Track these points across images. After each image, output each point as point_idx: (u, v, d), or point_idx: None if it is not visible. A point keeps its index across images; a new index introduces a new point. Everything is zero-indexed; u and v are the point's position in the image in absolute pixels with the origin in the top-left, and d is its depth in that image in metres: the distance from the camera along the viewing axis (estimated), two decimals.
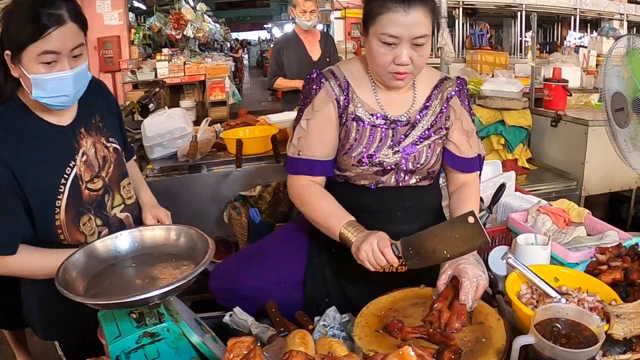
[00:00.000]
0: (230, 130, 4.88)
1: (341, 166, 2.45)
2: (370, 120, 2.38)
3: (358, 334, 1.95)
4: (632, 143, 2.90)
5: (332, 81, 2.38)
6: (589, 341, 1.67)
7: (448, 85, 2.49)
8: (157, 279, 1.87)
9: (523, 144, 5.68)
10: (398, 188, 2.46)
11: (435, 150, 2.46)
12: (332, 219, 2.33)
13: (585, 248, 2.55)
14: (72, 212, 2.25)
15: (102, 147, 2.39)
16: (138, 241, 2.03)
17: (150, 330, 1.77)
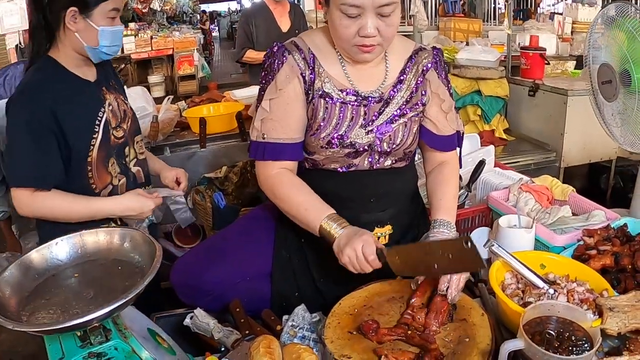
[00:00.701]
0: (193, 108, 4.74)
1: (309, 149, 2.25)
2: (340, 96, 2.18)
3: (330, 336, 1.80)
4: (621, 117, 2.76)
5: (296, 54, 2.16)
6: (583, 343, 1.54)
7: (423, 57, 2.29)
8: (101, 292, 1.69)
9: (500, 114, 5.61)
10: (371, 171, 2.27)
11: (412, 128, 2.27)
12: (310, 213, 2.14)
13: (572, 230, 2.45)
14: (102, 153, 2.55)
15: (122, 103, 2.72)
16: (80, 247, 1.84)
17: (96, 349, 1.61)
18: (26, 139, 2.34)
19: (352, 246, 1.96)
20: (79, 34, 2.40)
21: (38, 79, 2.41)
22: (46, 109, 2.33)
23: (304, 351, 1.62)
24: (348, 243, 1.98)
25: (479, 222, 2.85)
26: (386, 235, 2.32)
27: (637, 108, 2.63)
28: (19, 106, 2.36)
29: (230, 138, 4.38)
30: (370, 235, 2.01)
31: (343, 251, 1.98)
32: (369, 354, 1.70)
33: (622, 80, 2.65)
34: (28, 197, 2.38)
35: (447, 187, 2.35)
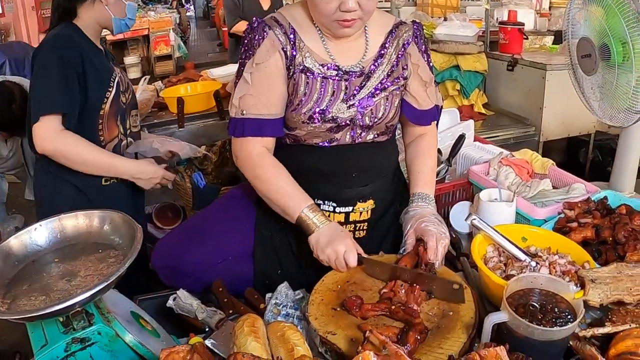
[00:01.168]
0: (171, 87, 4.71)
1: (290, 124, 2.21)
2: (321, 71, 2.15)
3: (313, 313, 1.79)
4: (600, 91, 2.76)
5: (277, 29, 2.12)
6: (566, 314, 1.55)
7: (404, 31, 2.26)
8: (82, 276, 1.67)
9: (479, 89, 5.63)
10: (353, 146, 2.25)
11: (394, 102, 2.25)
12: (290, 200, 2.13)
13: (552, 203, 2.46)
14: (114, 108, 2.81)
15: (125, 76, 2.99)
16: (59, 232, 1.81)
17: (80, 335, 1.59)
18: (57, 73, 2.56)
19: (334, 249, 1.98)
20: (109, 7, 2.78)
21: (68, 33, 2.69)
22: (76, 53, 2.62)
23: (288, 329, 1.60)
24: (329, 244, 1.99)
25: (459, 197, 2.85)
26: (368, 210, 2.31)
27: (617, 82, 2.63)
28: (51, 48, 2.62)
29: (208, 117, 4.36)
30: (350, 238, 2.03)
31: (323, 250, 2.00)
32: (353, 330, 1.69)
33: (602, 54, 2.65)
34: (55, 130, 2.55)
35: (425, 160, 2.37)
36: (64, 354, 1.57)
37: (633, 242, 2.01)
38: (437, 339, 1.63)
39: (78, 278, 1.65)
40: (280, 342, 1.56)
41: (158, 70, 12.44)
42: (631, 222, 2.12)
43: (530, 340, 1.47)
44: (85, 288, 1.52)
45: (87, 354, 1.59)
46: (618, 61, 2.58)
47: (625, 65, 2.56)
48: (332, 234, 2.02)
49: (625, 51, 2.53)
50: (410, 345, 1.55)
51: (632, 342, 1.48)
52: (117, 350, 1.63)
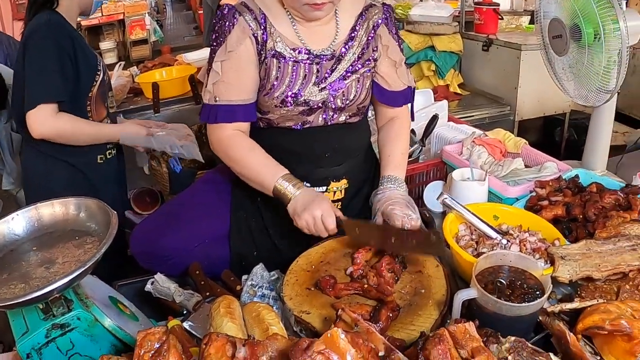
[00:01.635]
0: (146, 73, 4.68)
1: (263, 108, 2.23)
2: (292, 55, 2.17)
3: (288, 293, 1.82)
4: (571, 71, 2.79)
5: (247, 15, 2.13)
6: (535, 290, 1.58)
7: (374, 13, 2.28)
8: (60, 263, 1.68)
9: (454, 70, 5.61)
10: (326, 127, 2.28)
11: (365, 84, 2.28)
12: (264, 174, 2.15)
13: (524, 181, 2.49)
14: (100, 90, 2.91)
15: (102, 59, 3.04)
16: (36, 220, 1.82)
17: (59, 321, 1.60)
18: (53, 61, 2.64)
19: (311, 213, 2.00)
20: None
21: (58, 19, 2.75)
22: (69, 39, 2.71)
23: (263, 309, 1.63)
24: (306, 209, 2.01)
25: (433, 176, 2.87)
26: (342, 189, 2.35)
27: (588, 62, 2.66)
28: (45, 35, 2.67)
29: (184, 102, 4.35)
30: (327, 201, 2.05)
31: (300, 216, 2.02)
32: (327, 309, 1.72)
33: (573, 34, 2.68)
34: (51, 114, 2.66)
35: (397, 143, 2.38)
36: (45, 340, 1.58)
37: (603, 220, 2.03)
38: (410, 316, 1.67)
39: (56, 265, 1.66)
40: (256, 322, 1.59)
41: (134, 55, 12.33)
42: (601, 199, 2.14)
43: (498, 316, 1.50)
44: (63, 274, 1.53)
45: (67, 340, 1.60)
46: (589, 42, 2.62)
47: (595, 46, 2.59)
48: (308, 199, 2.04)
49: (596, 32, 2.56)
50: (383, 322, 1.58)
51: (599, 316, 1.50)
52: (96, 335, 1.65)
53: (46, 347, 1.58)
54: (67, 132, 2.76)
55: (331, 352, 1.10)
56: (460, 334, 1.34)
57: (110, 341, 1.67)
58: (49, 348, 1.59)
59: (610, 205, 2.14)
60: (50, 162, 2.88)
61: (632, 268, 1.73)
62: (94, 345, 1.64)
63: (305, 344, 1.11)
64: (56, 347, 1.59)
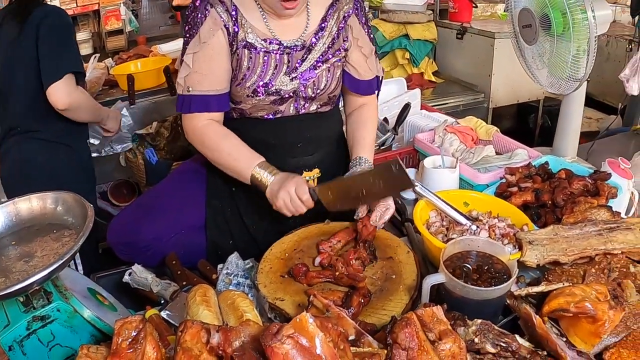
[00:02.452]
0: (121, 64, 4.66)
1: (235, 98, 2.27)
2: (263, 46, 2.19)
3: (263, 281, 1.85)
4: (540, 60, 2.84)
5: (219, 7, 2.14)
6: (502, 275, 1.62)
7: (344, 4, 2.30)
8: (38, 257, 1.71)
9: (429, 58, 5.63)
10: (297, 116, 2.32)
11: (335, 73, 2.32)
12: (240, 162, 2.18)
13: (495, 168, 2.53)
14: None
15: None
16: (14, 215, 1.84)
17: (40, 313, 1.63)
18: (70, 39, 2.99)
19: (286, 189, 2.03)
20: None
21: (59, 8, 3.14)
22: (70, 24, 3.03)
23: (238, 297, 1.66)
24: (281, 187, 2.04)
25: (406, 163, 2.90)
26: (314, 178, 2.39)
27: (556, 51, 2.70)
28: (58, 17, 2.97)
29: (159, 93, 4.33)
30: (300, 177, 2.08)
31: (277, 195, 2.05)
32: (300, 296, 1.75)
33: (542, 24, 2.72)
34: (74, 84, 2.93)
35: (368, 127, 2.43)
36: (26, 332, 1.61)
37: (571, 205, 2.07)
38: (381, 301, 1.71)
39: (35, 258, 1.69)
40: (231, 310, 1.62)
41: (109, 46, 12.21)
42: (570, 185, 2.19)
43: (466, 300, 1.54)
44: (42, 267, 1.55)
45: (48, 331, 1.63)
46: (558, 31, 2.65)
47: (564, 35, 2.63)
48: (282, 179, 2.08)
49: (565, 21, 2.60)
50: (354, 308, 1.62)
51: (564, 299, 1.54)
52: (76, 326, 1.68)
53: (27, 339, 1.61)
54: (84, 103, 3.04)
55: (300, 335, 1.13)
56: (428, 317, 1.38)
57: (90, 331, 1.70)
58: (30, 340, 1.62)
59: (579, 191, 2.18)
60: (52, 146, 3.07)
61: (598, 252, 1.78)
62: (74, 335, 1.67)
63: (275, 329, 1.14)
64: (37, 338, 1.62)
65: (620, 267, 1.77)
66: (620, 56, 5.30)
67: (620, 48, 5.37)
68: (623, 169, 2.33)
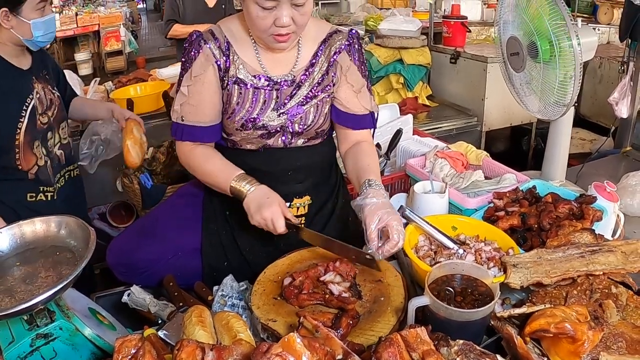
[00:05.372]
0: (121, 88, 4.71)
1: (227, 130, 2.34)
2: (253, 82, 2.26)
3: (256, 303, 1.91)
4: (528, 87, 2.91)
5: (212, 43, 2.22)
6: (485, 297, 1.68)
7: (337, 40, 2.33)
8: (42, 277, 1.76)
9: (422, 82, 5.68)
10: (286, 149, 2.37)
11: (323, 109, 2.35)
12: (220, 178, 2.26)
13: (484, 193, 2.57)
14: (29, 136, 2.82)
15: (50, 92, 2.98)
16: (19, 237, 1.89)
17: (43, 331, 1.69)
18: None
19: (262, 216, 2.10)
20: (14, 30, 2.70)
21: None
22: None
23: (232, 317, 1.71)
24: (258, 211, 2.11)
25: (398, 188, 2.95)
26: (305, 205, 2.43)
27: (544, 78, 2.77)
28: None
29: (157, 117, 4.40)
30: (277, 203, 2.13)
31: (253, 217, 2.12)
32: (292, 317, 1.81)
33: (529, 52, 2.79)
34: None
35: (371, 157, 2.37)
36: (30, 349, 1.66)
37: (555, 229, 2.12)
38: (369, 323, 1.77)
39: (39, 279, 1.74)
40: (225, 330, 1.68)
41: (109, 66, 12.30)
42: (556, 209, 2.23)
43: (449, 321, 1.60)
44: (46, 288, 1.61)
45: (50, 349, 1.69)
46: (545, 58, 2.72)
47: (551, 62, 2.70)
48: (260, 201, 2.13)
49: (552, 49, 2.68)
50: (343, 329, 1.68)
51: (545, 320, 1.59)
52: (77, 344, 1.73)
53: (31, 356, 1.67)
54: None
55: (288, 354, 1.19)
56: (412, 338, 1.44)
57: (90, 349, 1.76)
58: (34, 356, 1.67)
59: (564, 214, 2.22)
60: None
61: (580, 274, 1.82)
62: (75, 353, 1.73)
63: (265, 347, 1.21)
64: (40, 355, 1.67)
65: (602, 288, 1.82)
66: (613, 77, 5.39)
67: (612, 70, 5.45)
68: (609, 192, 2.39)
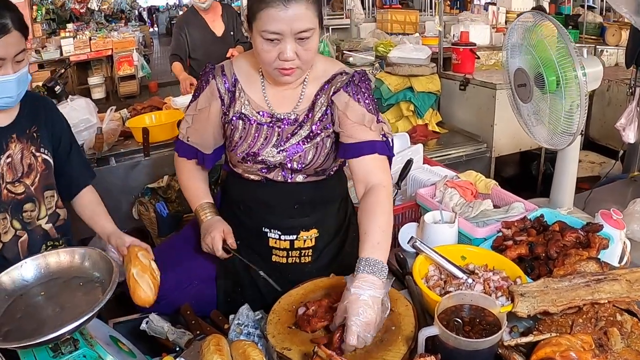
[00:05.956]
0: (136, 117, 4.77)
1: (231, 161, 2.47)
2: (257, 118, 2.34)
3: (271, 331, 1.97)
4: (535, 117, 2.97)
5: (219, 79, 2.33)
6: (493, 327, 1.73)
7: (339, 80, 2.33)
8: (68, 307, 1.83)
9: (432, 109, 5.73)
10: (287, 183, 2.43)
11: (323, 149, 2.38)
12: (193, 197, 2.57)
13: (492, 222, 2.61)
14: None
15: (30, 155, 2.46)
16: (43, 267, 1.97)
17: (67, 358, 1.74)
18: None
19: (205, 240, 2.38)
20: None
21: None
22: None
23: (249, 346, 1.77)
24: (203, 236, 2.40)
25: (409, 217, 3.00)
26: (312, 238, 2.49)
27: (550, 108, 2.82)
28: None
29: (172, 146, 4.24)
30: (218, 229, 2.41)
31: (204, 240, 2.41)
32: (307, 346, 1.87)
33: (537, 83, 2.85)
34: None
35: (375, 217, 2.17)
36: None
37: (562, 258, 2.17)
38: (381, 351, 1.83)
39: (64, 309, 1.81)
40: (242, 358, 1.74)
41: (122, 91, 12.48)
42: (563, 238, 2.27)
43: (458, 350, 1.66)
44: (72, 318, 1.67)
45: None
46: (551, 89, 2.78)
47: (558, 93, 2.76)
48: (208, 228, 2.39)
49: (558, 80, 2.73)
50: None
51: (550, 348, 1.65)
52: None
53: None
54: None
55: None
56: None
57: None
58: None
59: (571, 243, 2.27)
60: None
61: (586, 302, 1.87)
62: None
63: None
64: None
65: (607, 316, 1.85)
66: (621, 100, 5.42)
67: (621, 92, 5.49)
68: (615, 220, 2.42)
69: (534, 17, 2.86)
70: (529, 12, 2.95)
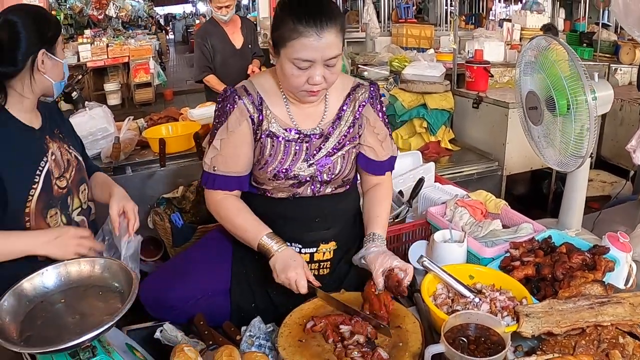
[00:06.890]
0: (153, 127, 4.83)
1: (258, 180, 2.48)
2: (285, 135, 2.40)
3: (282, 344, 2.02)
4: (546, 140, 3.02)
5: (246, 99, 2.37)
6: (497, 346, 1.78)
7: (360, 93, 2.50)
8: (87, 315, 1.88)
9: (445, 126, 5.77)
10: (314, 197, 2.51)
11: (350, 159, 2.52)
12: (249, 233, 2.40)
13: (501, 242, 2.65)
14: (42, 203, 2.43)
15: (66, 152, 2.59)
16: (64, 276, 2.01)
17: None
18: None
19: (287, 276, 2.25)
20: (47, 75, 2.40)
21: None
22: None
23: (260, 358, 1.83)
24: (283, 270, 2.26)
25: (419, 235, 3.03)
26: (331, 250, 2.56)
27: (561, 130, 2.87)
28: None
29: (188, 157, 4.50)
30: (302, 266, 2.29)
31: (279, 276, 2.27)
32: (316, 359, 1.94)
33: (548, 106, 2.89)
34: None
35: (383, 206, 2.60)
36: None
37: (568, 280, 2.21)
38: None
39: (83, 317, 1.86)
40: None
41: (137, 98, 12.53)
42: (569, 260, 2.31)
43: None
44: (92, 327, 1.73)
45: None
46: (561, 112, 2.83)
47: (568, 116, 2.81)
48: (286, 262, 2.29)
49: (569, 104, 2.78)
50: None
51: None
52: None
53: None
54: None
55: None
56: None
57: None
58: None
59: (577, 265, 2.30)
60: None
61: (589, 324, 1.90)
62: None
63: None
64: None
65: (610, 338, 1.89)
66: (634, 120, 5.46)
67: (634, 112, 5.51)
68: (622, 243, 2.45)
69: (546, 41, 2.91)
70: (540, 36, 2.99)
